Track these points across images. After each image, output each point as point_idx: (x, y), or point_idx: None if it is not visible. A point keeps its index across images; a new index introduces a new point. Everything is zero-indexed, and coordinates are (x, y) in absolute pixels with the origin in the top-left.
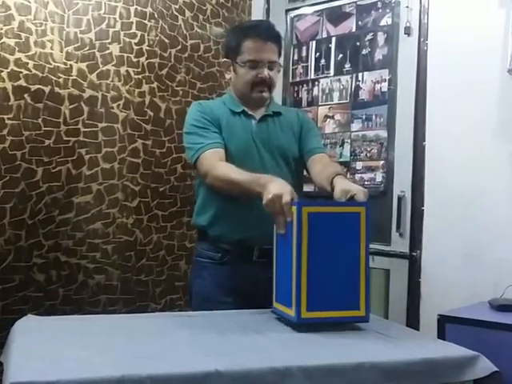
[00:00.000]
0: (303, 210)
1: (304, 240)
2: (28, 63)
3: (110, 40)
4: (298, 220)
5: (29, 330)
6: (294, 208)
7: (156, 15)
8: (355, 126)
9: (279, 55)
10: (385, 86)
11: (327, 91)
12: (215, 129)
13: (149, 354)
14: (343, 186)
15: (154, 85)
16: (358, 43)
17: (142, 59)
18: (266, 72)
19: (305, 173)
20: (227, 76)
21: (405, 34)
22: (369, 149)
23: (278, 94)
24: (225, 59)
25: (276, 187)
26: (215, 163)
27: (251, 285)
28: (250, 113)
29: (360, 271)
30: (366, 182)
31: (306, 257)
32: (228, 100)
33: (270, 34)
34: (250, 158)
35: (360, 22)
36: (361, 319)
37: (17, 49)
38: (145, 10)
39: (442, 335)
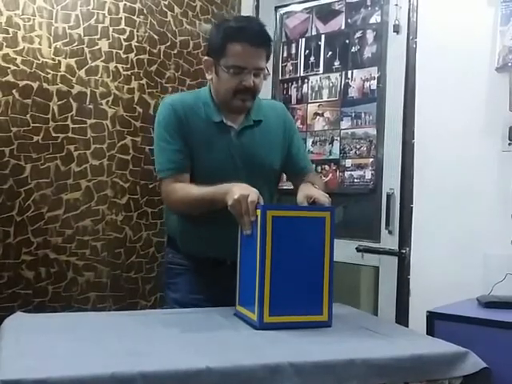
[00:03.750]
0: (268, 214)
1: (268, 244)
2: (16, 59)
3: (98, 36)
4: (262, 223)
5: (18, 327)
6: (259, 211)
7: (145, 11)
8: (344, 123)
9: (267, 59)
10: (374, 84)
11: (316, 89)
12: (182, 144)
13: (139, 351)
14: (305, 191)
15: (143, 81)
16: (347, 41)
17: (131, 55)
18: (251, 80)
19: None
20: (208, 76)
21: (394, 31)
22: (358, 146)
23: (267, 92)
24: (206, 57)
25: (241, 188)
26: (173, 186)
27: (224, 290)
28: (229, 124)
29: (324, 276)
30: (355, 180)
31: (270, 261)
32: (206, 101)
33: (260, 39)
34: (226, 174)
35: (349, 20)
36: (323, 324)
37: (4, 44)
38: (134, 5)
39: (431, 332)
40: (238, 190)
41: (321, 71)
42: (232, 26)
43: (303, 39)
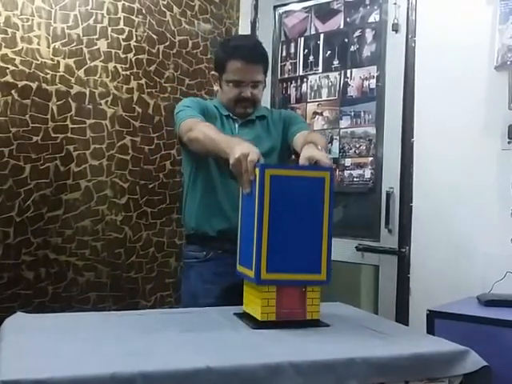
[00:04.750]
0: (266, 172)
1: (266, 202)
2: (15, 59)
3: (97, 36)
4: (260, 182)
5: (18, 327)
6: (257, 170)
7: (144, 11)
8: (344, 122)
9: (265, 72)
10: (373, 83)
11: (316, 88)
12: (203, 115)
13: (139, 351)
14: (307, 152)
15: (143, 81)
16: (346, 40)
17: (130, 55)
18: (248, 92)
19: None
20: (214, 88)
21: (393, 30)
22: (357, 145)
23: (266, 91)
24: (213, 72)
25: (243, 148)
26: (196, 124)
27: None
28: (234, 117)
29: (323, 235)
30: (354, 179)
31: (268, 218)
32: (216, 104)
33: (254, 56)
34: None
35: (348, 19)
36: (321, 283)
37: (3, 44)
38: (132, 5)
39: (431, 330)
40: (240, 149)
41: (320, 70)
42: (231, 45)
43: (302, 38)
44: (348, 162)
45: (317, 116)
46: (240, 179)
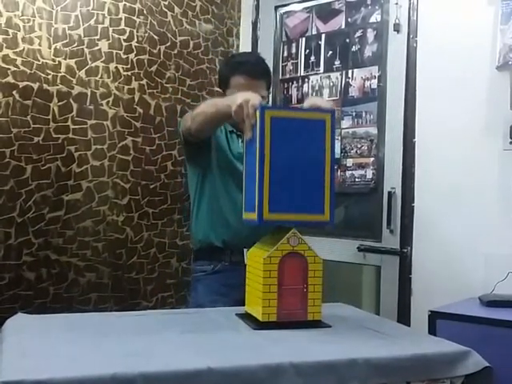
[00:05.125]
0: (266, 114)
1: (267, 143)
2: (16, 60)
3: (98, 36)
4: (260, 123)
5: (19, 328)
6: (258, 112)
7: (145, 11)
8: (345, 122)
9: (268, 88)
10: (374, 83)
11: (317, 88)
12: None
13: (140, 351)
14: (310, 100)
15: (144, 82)
16: (347, 40)
17: (131, 56)
18: None
19: None
20: None
21: (394, 30)
22: (359, 146)
23: None
24: (217, 89)
25: (244, 95)
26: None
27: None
28: (238, 133)
29: (325, 177)
30: (356, 179)
31: (269, 159)
32: None
33: (256, 72)
34: (235, 175)
35: (349, 19)
36: (325, 223)
37: (4, 45)
38: (133, 6)
39: (432, 331)
40: (241, 96)
41: (321, 70)
42: (234, 61)
43: (303, 39)
44: (349, 162)
45: None
46: (243, 126)
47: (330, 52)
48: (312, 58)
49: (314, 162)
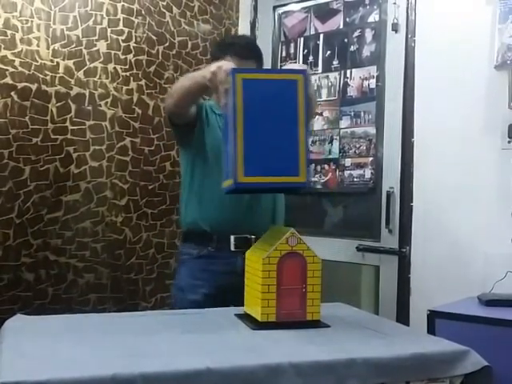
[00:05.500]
0: (237, 76)
1: (239, 106)
2: (14, 61)
3: (96, 37)
4: (232, 86)
5: (18, 329)
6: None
7: (143, 12)
8: (344, 122)
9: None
10: (373, 83)
11: (315, 88)
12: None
13: (140, 352)
14: (286, 66)
15: (142, 82)
16: (345, 40)
17: (130, 56)
18: None
19: None
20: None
21: (392, 30)
22: (358, 145)
23: None
24: None
25: (218, 63)
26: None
27: (228, 275)
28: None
29: (299, 137)
30: (355, 179)
31: (242, 122)
32: (213, 104)
33: (248, 52)
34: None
35: (348, 19)
36: (300, 185)
37: (2, 46)
38: (132, 6)
39: (431, 330)
40: (215, 64)
41: (320, 70)
42: (225, 43)
43: (302, 38)
44: (348, 162)
45: (317, 116)
46: (218, 92)
47: (329, 52)
48: (310, 58)
49: (288, 123)
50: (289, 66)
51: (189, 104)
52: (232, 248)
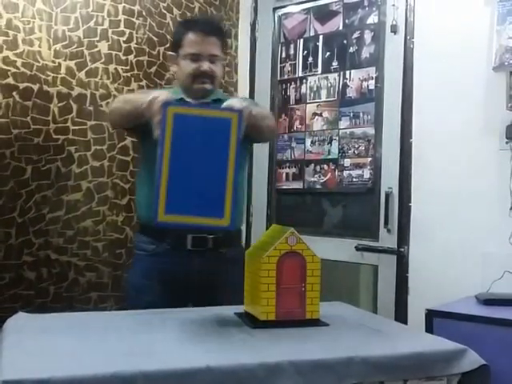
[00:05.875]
0: (169, 110)
1: (167, 140)
2: (16, 61)
3: (98, 38)
4: (162, 120)
5: (20, 327)
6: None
7: (144, 13)
8: (343, 123)
9: (223, 48)
10: (372, 84)
11: (315, 89)
12: None
13: (140, 350)
14: (228, 101)
15: (143, 83)
16: (345, 41)
17: (131, 57)
18: (206, 65)
19: None
20: (172, 69)
21: (391, 32)
22: (356, 146)
23: (265, 92)
24: (170, 52)
25: (156, 92)
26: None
27: (184, 275)
28: (188, 100)
29: (227, 179)
30: (353, 179)
31: (169, 158)
32: (171, 90)
33: (210, 28)
34: None
35: (347, 21)
36: (223, 228)
37: (5, 47)
38: (133, 7)
39: (429, 329)
40: (152, 94)
41: (319, 71)
42: (187, 20)
43: (301, 40)
44: (347, 162)
45: (316, 117)
46: (154, 122)
47: (328, 53)
48: (310, 59)
49: (217, 163)
50: (232, 100)
51: (130, 125)
52: (189, 247)
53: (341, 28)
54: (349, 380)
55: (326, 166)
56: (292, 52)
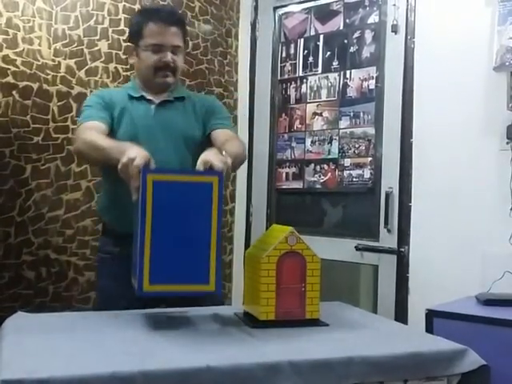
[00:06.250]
0: (148, 178)
1: (148, 208)
2: (16, 60)
3: (98, 37)
4: (142, 187)
5: (19, 327)
6: (141, 175)
7: None
8: (343, 123)
9: (184, 40)
10: (372, 84)
11: (315, 88)
12: (106, 110)
13: (140, 350)
14: (204, 156)
15: None
16: (345, 41)
17: None
18: (169, 56)
19: None
20: (131, 61)
21: (392, 31)
22: (357, 146)
23: (265, 92)
24: (128, 43)
25: (131, 152)
26: (87, 130)
27: None
28: (148, 97)
29: (211, 244)
30: (354, 179)
31: (150, 227)
32: (130, 86)
33: (172, 18)
34: (146, 141)
35: (347, 20)
36: (209, 293)
37: (4, 45)
38: (133, 6)
39: (430, 330)
40: (128, 154)
41: (319, 71)
42: (147, 9)
43: (302, 39)
44: (347, 162)
45: (316, 116)
46: (129, 185)
47: (328, 53)
48: (310, 59)
49: (200, 228)
50: (205, 155)
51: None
52: None
53: (341, 28)
54: (349, 380)
55: (326, 166)
56: (292, 51)
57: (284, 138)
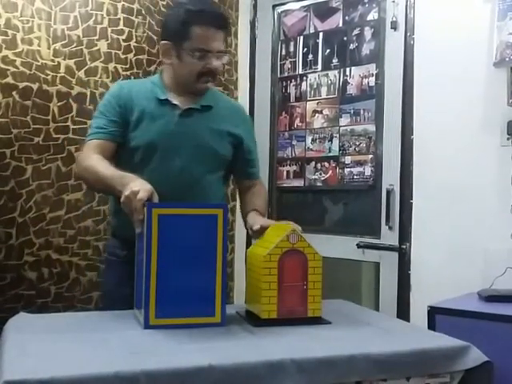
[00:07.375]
0: (153, 212)
1: (154, 243)
2: (15, 60)
3: (97, 37)
4: (147, 222)
5: (21, 327)
6: (146, 209)
7: (143, 11)
8: (343, 120)
9: (226, 42)
10: (372, 81)
11: (315, 86)
12: (117, 116)
13: (142, 349)
14: (264, 222)
15: None
16: (345, 38)
17: (130, 56)
18: (215, 63)
19: None
20: (167, 61)
21: (391, 28)
22: (357, 143)
23: (266, 90)
24: (164, 42)
25: (135, 185)
26: (90, 154)
27: None
28: (174, 102)
29: (216, 276)
30: (355, 176)
31: (156, 260)
32: (156, 82)
33: (222, 22)
34: (166, 148)
35: (347, 17)
36: (215, 325)
37: (4, 46)
38: (132, 6)
39: (432, 326)
40: (131, 187)
41: (319, 69)
42: (193, 10)
43: (301, 37)
44: (348, 159)
45: (316, 114)
46: (132, 218)
47: (328, 50)
48: (310, 57)
49: (205, 260)
50: (256, 219)
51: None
52: None
53: (341, 25)
54: (351, 378)
55: (326, 164)
56: (292, 49)
57: (284, 136)
